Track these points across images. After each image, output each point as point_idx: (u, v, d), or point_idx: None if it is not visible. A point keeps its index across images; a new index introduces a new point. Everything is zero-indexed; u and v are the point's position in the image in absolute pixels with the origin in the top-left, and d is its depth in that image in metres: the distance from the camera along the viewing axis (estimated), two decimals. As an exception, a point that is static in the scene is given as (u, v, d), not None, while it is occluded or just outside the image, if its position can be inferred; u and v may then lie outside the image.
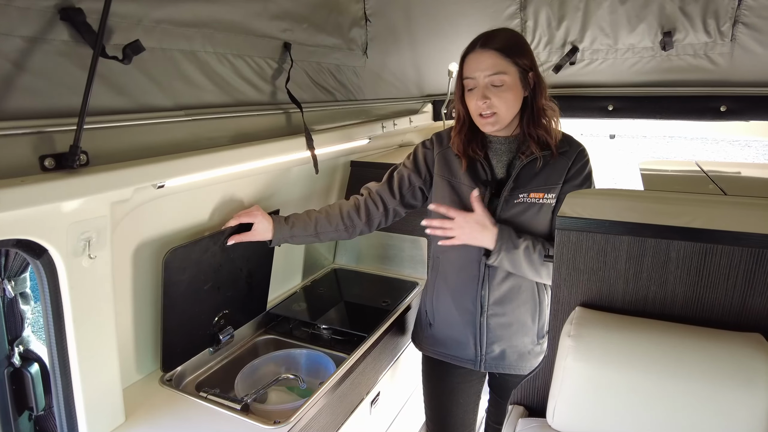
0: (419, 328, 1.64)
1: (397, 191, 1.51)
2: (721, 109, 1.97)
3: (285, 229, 1.47)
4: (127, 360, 1.36)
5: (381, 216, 1.53)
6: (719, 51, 1.85)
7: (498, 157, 1.42)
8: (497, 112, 1.31)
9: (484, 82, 1.30)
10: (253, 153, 1.29)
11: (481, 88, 1.31)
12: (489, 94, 1.30)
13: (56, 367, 1.12)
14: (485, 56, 1.29)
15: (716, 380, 0.87)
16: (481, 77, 1.30)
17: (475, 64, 1.31)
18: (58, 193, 0.86)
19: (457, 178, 1.43)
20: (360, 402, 1.57)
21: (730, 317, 0.98)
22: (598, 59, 2.05)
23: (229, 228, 1.46)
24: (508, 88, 1.30)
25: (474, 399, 1.62)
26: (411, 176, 1.51)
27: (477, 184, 1.39)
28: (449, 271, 1.48)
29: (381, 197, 1.52)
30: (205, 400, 1.33)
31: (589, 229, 1.04)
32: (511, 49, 1.29)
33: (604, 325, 1.00)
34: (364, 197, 1.53)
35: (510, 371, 1.49)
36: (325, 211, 1.51)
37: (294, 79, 1.47)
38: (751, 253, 0.93)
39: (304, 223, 1.49)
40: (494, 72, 1.28)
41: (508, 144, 1.41)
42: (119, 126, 1.00)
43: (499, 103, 1.30)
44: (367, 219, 1.52)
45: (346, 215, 1.51)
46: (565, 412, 1.00)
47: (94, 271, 1.08)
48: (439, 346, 1.55)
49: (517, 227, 1.37)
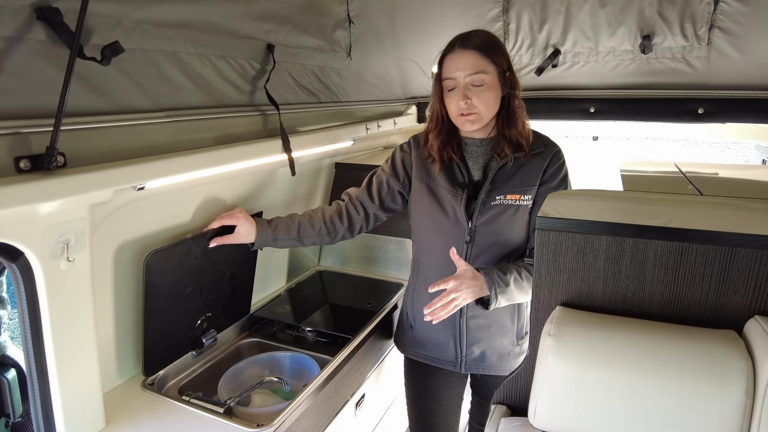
0: (401, 331, 1.64)
1: (376, 196, 1.52)
2: (699, 111, 2.01)
3: (268, 232, 1.46)
4: (107, 364, 1.34)
5: (362, 221, 1.53)
6: (696, 54, 1.89)
7: (474, 159, 1.43)
8: (478, 112, 1.32)
9: (464, 81, 1.31)
10: (232, 155, 1.28)
11: (462, 88, 1.31)
12: (470, 94, 1.31)
13: (33, 373, 1.10)
14: (465, 56, 1.30)
15: (692, 376, 0.89)
16: (461, 77, 1.31)
17: (455, 64, 1.31)
18: (33, 194, 0.85)
19: (434, 181, 1.44)
20: (345, 404, 1.57)
21: (705, 314, 1.00)
22: (579, 62, 2.08)
23: (211, 230, 1.45)
24: (488, 87, 1.31)
25: (456, 400, 1.62)
26: (389, 180, 1.51)
27: (454, 186, 1.40)
28: (429, 273, 1.49)
29: (361, 203, 1.53)
30: (187, 404, 1.32)
31: (569, 230, 1.06)
32: (490, 48, 1.31)
33: (584, 324, 1.01)
34: (345, 203, 1.54)
35: (490, 372, 1.51)
36: (309, 216, 1.51)
37: (277, 81, 1.47)
38: (725, 252, 0.96)
39: (287, 227, 1.48)
40: (474, 71, 1.29)
41: (484, 146, 1.42)
42: (98, 127, 0.99)
43: (480, 103, 1.31)
44: (349, 224, 1.52)
45: (329, 220, 1.51)
46: (547, 411, 1.02)
47: (72, 274, 1.07)
48: (420, 348, 1.56)
49: (495, 229, 1.38)
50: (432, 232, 1.46)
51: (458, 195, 1.39)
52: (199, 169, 1.21)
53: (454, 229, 1.41)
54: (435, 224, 1.45)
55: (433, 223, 1.45)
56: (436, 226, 1.45)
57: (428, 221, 1.46)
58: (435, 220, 1.44)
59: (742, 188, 1.69)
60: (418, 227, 1.51)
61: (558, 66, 2.12)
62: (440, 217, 1.43)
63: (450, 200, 1.40)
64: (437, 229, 1.45)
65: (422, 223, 1.48)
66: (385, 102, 2.18)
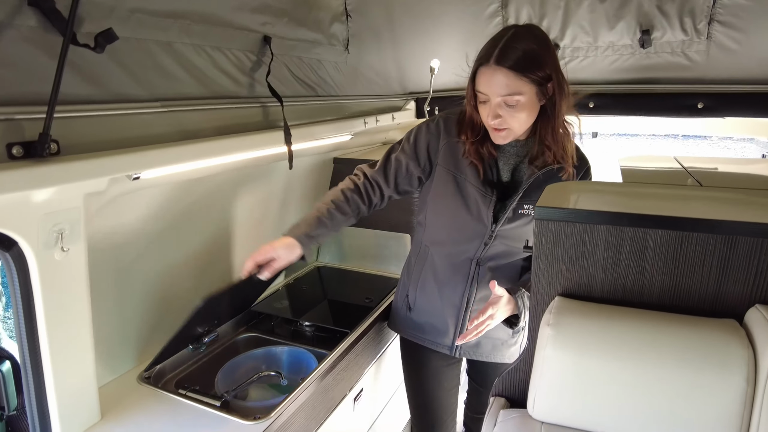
0: (396, 312, 1.64)
1: (392, 179, 1.44)
2: (699, 106, 2.00)
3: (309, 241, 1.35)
4: (103, 358, 1.33)
5: (378, 200, 1.46)
6: (696, 49, 1.88)
7: (505, 159, 1.38)
8: (509, 128, 1.26)
9: (496, 101, 1.22)
10: (230, 145, 1.27)
11: (494, 106, 1.23)
12: (501, 112, 1.23)
13: (27, 365, 1.09)
14: (498, 76, 1.19)
15: (693, 365, 0.88)
16: (493, 95, 1.22)
17: (487, 81, 1.22)
18: (26, 181, 0.84)
19: (463, 175, 1.38)
20: (343, 398, 1.56)
21: (705, 304, 0.99)
22: (579, 57, 2.07)
23: (254, 270, 1.33)
24: (523, 107, 1.22)
25: (455, 381, 1.64)
26: (409, 164, 1.43)
27: (484, 185, 1.35)
28: (440, 265, 1.48)
29: (377, 184, 1.45)
30: (183, 398, 1.31)
31: (568, 219, 1.05)
32: (528, 65, 1.18)
33: (583, 314, 1.01)
34: (362, 182, 1.45)
35: (483, 359, 1.52)
36: (334, 204, 1.40)
37: (274, 73, 1.46)
38: (725, 241, 0.95)
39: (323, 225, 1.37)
40: (507, 93, 1.20)
41: (518, 148, 1.37)
42: (92, 116, 0.98)
43: (512, 121, 1.24)
44: (369, 204, 1.46)
45: (353, 205, 1.42)
46: (546, 401, 1.01)
47: (67, 265, 1.06)
48: (417, 330, 1.56)
49: (517, 235, 1.37)
50: (450, 225, 1.43)
51: (487, 196, 1.35)
52: (196, 159, 1.20)
53: (474, 227, 1.39)
54: (455, 218, 1.41)
55: (453, 216, 1.41)
56: (455, 220, 1.41)
57: (448, 214, 1.42)
58: (456, 214, 1.40)
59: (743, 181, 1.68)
60: (434, 216, 1.46)
61: (557, 60, 2.11)
62: (462, 213, 1.39)
63: (477, 199, 1.36)
64: (456, 223, 1.41)
65: (441, 214, 1.44)
66: (384, 97, 2.17)
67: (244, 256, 1.79)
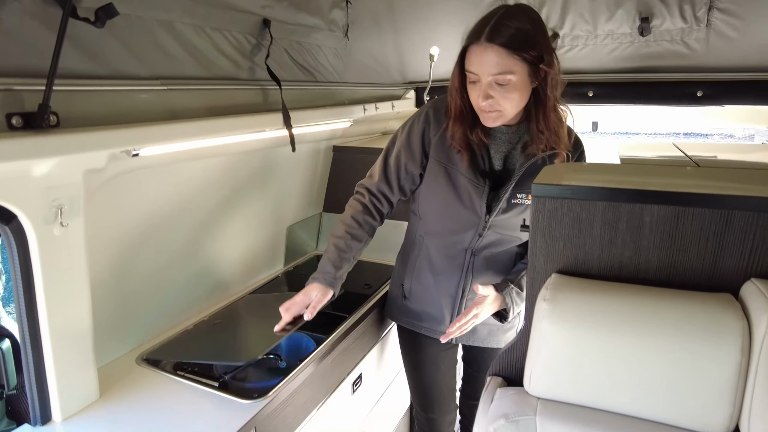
0: (392, 301, 1.64)
1: (396, 184, 1.43)
2: (698, 94, 2.00)
3: (337, 281, 1.41)
4: (103, 339, 1.33)
5: (388, 209, 1.48)
6: (695, 36, 1.89)
7: (497, 146, 1.35)
8: (500, 110, 1.22)
9: (487, 80, 1.18)
10: (229, 125, 1.28)
11: (484, 86, 1.19)
12: (492, 93, 1.19)
13: (27, 341, 1.10)
14: (489, 53, 1.15)
15: (688, 337, 0.88)
16: (484, 75, 1.18)
17: (478, 60, 1.17)
18: (24, 150, 0.85)
19: (454, 165, 1.35)
20: (341, 382, 1.57)
21: (702, 279, 1.00)
22: (578, 45, 2.07)
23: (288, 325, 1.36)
24: (514, 87, 1.18)
25: (453, 363, 1.66)
26: (408, 165, 1.41)
27: (476, 175, 1.33)
28: (435, 255, 1.48)
29: (383, 194, 1.44)
30: (183, 378, 1.31)
31: (564, 196, 1.05)
32: (520, 44, 1.14)
33: (579, 289, 1.01)
34: (368, 199, 1.44)
35: (478, 344, 1.53)
36: (350, 235, 1.41)
37: (273, 57, 1.47)
38: (721, 215, 0.95)
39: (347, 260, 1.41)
40: (499, 72, 1.16)
41: (509, 134, 1.34)
42: (92, 90, 0.99)
43: (504, 102, 1.20)
44: (381, 218, 1.47)
45: (367, 226, 1.44)
46: (542, 376, 1.01)
47: (66, 241, 1.06)
48: (414, 318, 1.56)
49: (511, 225, 1.37)
50: (443, 216, 1.43)
51: (479, 186, 1.33)
52: (196, 137, 1.20)
53: (468, 218, 1.38)
54: (447, 209, 1.40)
55: (446, 207, 1.41)
56: (448, 211, 1.41)
57: (440, 205, 1.42)
58: (448, 206, 1.40)
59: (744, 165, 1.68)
60: (427, 208, 1.46)
61: (557, 50, 2.11)
62: (454, 204, 1.38)
63: (469, 189, 1.35)
64: (449, 214, 1.41)
65: (434, 205, 1.44)
66: (384, 85, 2.17)
67: (245, 241, 1.81)
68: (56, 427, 1.14)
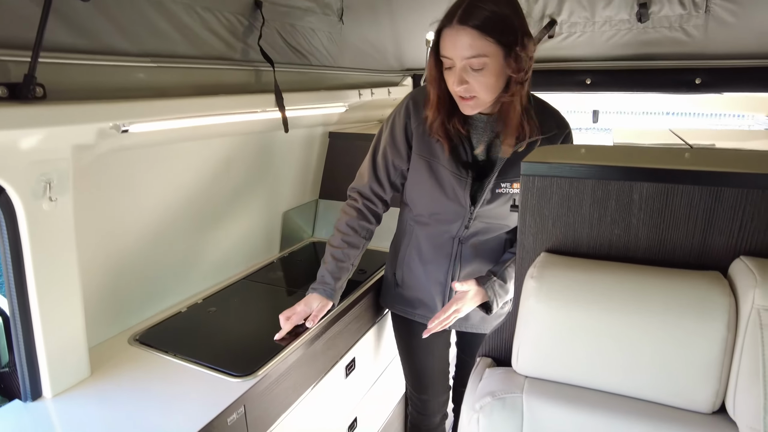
0: (386, 289, 1.66)
1: (386, 181, 1.44)
2: (696, 81, 1.99)
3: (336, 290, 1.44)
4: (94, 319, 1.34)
5: (383, 209, 1.50)
6: (694, 23, 1.87)
7: (478, 136, 1.34)
8: (477, 96, 1.20)
9: (461, 64, 1.16)
10: (221, 104, 1.28)
11: (458, 70, 1.16)
12: (467, 78, 1.17)
13: (17, 317, 1.10)
14: (462, 36, 1.12)
15: (675, 312, 0.88)
16: (458, 59, 1.15)
17: (451, 43, 1.15)
18: (9, 121, 0.85)
19: (436, 159, 1.34)
20: (334, 364, 1.57)
21: (691, 258, 0.99)
22: (576, 32, 2.06)
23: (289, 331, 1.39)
24: (490, 71, 1.16)
25: (446, 347, 1.68)
26: (395, 161, 1.41)
27: (458, 167, 1.32)
28: (423, 244, 1.48)
29: (376, 195, 1.46)
30: (174, 357, 1.32)
31: (554, 174, 1.04)
32: (495, 26, 1.12)
33: (568, 267, 1.00)
34: (361, 204, 1.45)
35: (472, 330, 1.53)
36: (346, 243, 1.44)
37: (266, 39, 1.46)
38: (710, 192, 0.94)
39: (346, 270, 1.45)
40: (472, 55, 1.13)
41: (489, 123, 1.32)
42: (79, 64, 0.99)
43: (479, 87, 1.18)
44: (377, 219, 1.50)
45: (362, 231, 1.46)
46: (529, 355, 1.01)
47: (55, 216, 1.06)
48: (407, 305, 1.57)
49: (497, 214, 1.36)
50: (429, 207, 1.43)
51: (462, 178, 1.32)
52: (186, 114, 1.20)
53: (454, 209, 1.38)
54: (433, 201, 1.41)
55: (431, 200, 1.41)
56: (433, 203, 1.41)
57: (426, 197, 1.42)
58: (433, 198, 1.40)
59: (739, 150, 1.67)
60: (413, 200, 1.47)
61: (554, 37, 2.10)
62: (439, 197, 1.38)
63: (452, 182, 1.34)
64: (435, 207, 1.41)
65: (419, 197, 1.44)
66: (380, 72, 2.17)
67: (239, 225, 1.81)
68: (47, 402, 1.15)
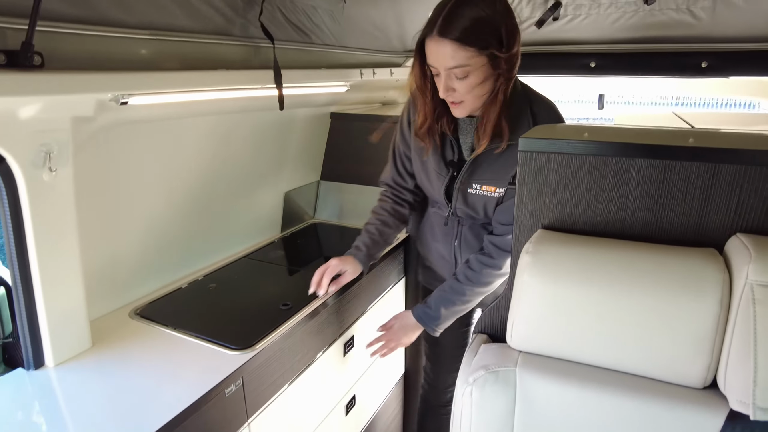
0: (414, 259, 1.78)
1: (405, 173, 1.53)
2: (702, 65, 1.96)
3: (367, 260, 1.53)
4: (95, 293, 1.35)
5: (411, 197, 1.57)
6: (701, 5, 1.84)
7: (464, 137, 1.36)
8: (464, 101, 1.21)
9: (446, 73, 1.16)
10: (220, 79, 1.28)
11: (444, 78, 1.17)
12: (453, 85, 1.18)
13: (19, 287, 1.12)
14: (442, 48, 1.12)
15: (668, 288, 0.88)
16: (441, 68, 1.16)
17: (434, 54, 1.15)
18: (7, 88, 0.85)
19: (426, 155, 1.40)
20: (333, 342, 1.58)
21: (687, 234, 0.99)
22: (581, 14, 2.03)
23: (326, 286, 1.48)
24: (475, 77, 1.16)
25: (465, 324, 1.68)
26: (406, 152, 1.51)
27: (439, 165, 1.38)
28: (435, 222, 1.55)
29: (399, 185, 1.55)
30: (174, 331, 1.34)
31: (551, 150, 1.04)
32: (475, 35, 1.10)
33: (563, 243, 1.01)
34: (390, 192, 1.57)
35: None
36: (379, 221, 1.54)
37: (266, 15, 1.45)
38: (708, 169, 0.94)
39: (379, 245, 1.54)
40: (454, 66, 1.13)
41: (474, 124, 1.33)
42: (78, 33, 0.99)
43: (466, 93, 1.19)
44: (408, 204, 1.57)
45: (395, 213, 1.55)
46: (523, 329, 1.01)
47: (55, 187, 1.08)
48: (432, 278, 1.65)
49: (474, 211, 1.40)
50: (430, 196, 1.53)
51: (441, 176, 1.38)
52: (185, 87, 1.20)
53: (440, 200, 1.46)
54: (427, 191, 1.51)
55: (426, 189, 1.52)
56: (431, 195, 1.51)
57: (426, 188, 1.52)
58: (426, 188, 1.51)
59: None
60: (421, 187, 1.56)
61: (559, 19, 2.07)
62: (429, 189, 1.48)
63: (434, 178, 1.41)
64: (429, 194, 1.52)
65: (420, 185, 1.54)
66: (382, 52, 2.15)
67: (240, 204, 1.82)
68: (49, 371, 1.17)
